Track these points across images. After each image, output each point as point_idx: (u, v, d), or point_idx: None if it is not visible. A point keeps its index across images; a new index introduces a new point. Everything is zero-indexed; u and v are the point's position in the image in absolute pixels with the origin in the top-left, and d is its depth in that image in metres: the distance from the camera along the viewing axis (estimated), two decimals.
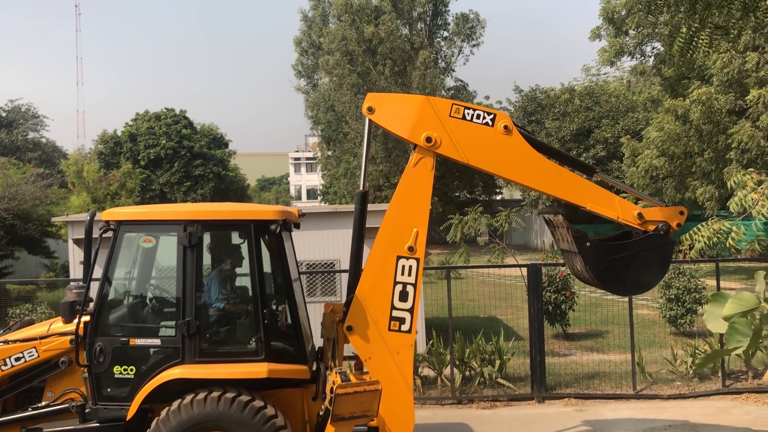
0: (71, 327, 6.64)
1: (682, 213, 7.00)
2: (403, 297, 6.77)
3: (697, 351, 11.27)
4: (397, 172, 36.74)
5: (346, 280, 7.13)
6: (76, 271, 13.75)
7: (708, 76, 23.18)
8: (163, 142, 46.92)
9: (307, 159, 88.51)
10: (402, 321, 6.76)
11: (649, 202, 7.43)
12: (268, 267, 6.82)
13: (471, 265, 16.17)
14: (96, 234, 6.78)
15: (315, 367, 6.96)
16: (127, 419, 6.34)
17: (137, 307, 7.06)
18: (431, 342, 11.44)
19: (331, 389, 6.33)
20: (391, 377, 6.66)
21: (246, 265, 6.72)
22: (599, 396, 10.54)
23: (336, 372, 6.66)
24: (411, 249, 6.77)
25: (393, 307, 6.76)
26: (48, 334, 6.84)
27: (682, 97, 23.49)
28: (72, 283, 9.05)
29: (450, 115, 6.81)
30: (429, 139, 6.76)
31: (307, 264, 12.77)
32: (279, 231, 6.57)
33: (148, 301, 7.14)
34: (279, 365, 6.43)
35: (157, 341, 6.64)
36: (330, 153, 49.95)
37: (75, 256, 13.76)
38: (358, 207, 6.96)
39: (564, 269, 14.18)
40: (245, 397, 6.20)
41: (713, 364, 10.98)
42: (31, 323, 7.51)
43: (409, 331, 6.77)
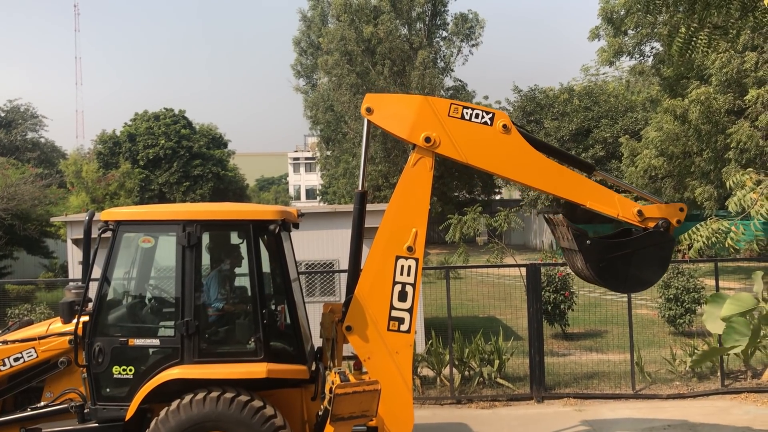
0: (70, 327, 6.64)
1: (681, 210, 7.01)
2: (402, 297, 6.77)
3: (696, 351, 11.27)
4: (396, 172, 36.71)
5: (345, 280, 7.13)
6: (75, 271, 13.76)
7: (707, 75, 23.17)
8: (162, 142, 46.85)
9: (306, 159, 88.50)
10: (401, 321, 6.76)
11: (650, 200, 7.43)
12: (267, 267, 6.83)
13: (470, 265, 16.14)
14: (95, 234, 6.78)
15: (314, 367, 6.96)
16: (126, 419, 6.34)
17: (136, 308, 7.06)
18: (430, 342, 11.44)
19: (330, 389, 6.33)
20: (390, 377, 6.66)
21: (245, 265, 6.71)
22: (598, 396, 10.54)
23: (335, 372, 6.67)
24: (410, 249, 6.77)
25: (392, 307, 6.76)
26: (47, 334, 6.85)
27: (680, 97, 23.47)
28: (71, 284, 9.07)
29: (449, 115, 6.81)
30: (428, 139, 6.76)
31: (306, 264, 12.77)
32: (278, 231, 6.58)
33: (147, 302, 7.14)
34: (278, 365, 6.43)
35: (156, 341, 6.64)
36: (329, 153, 49.92)
37: (74, 256, 13.76)
38: (357, 207, 6.96)
39: (563, 269, 14.19)
40: (244, 397, 6.20)
41: (711, 362, 11.00)
42: (30, 323, 7.51)
43: (408, 331, 6.77)
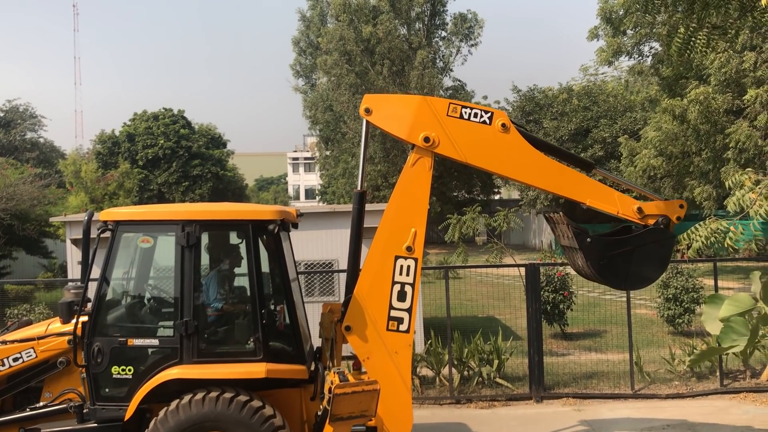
0: (69, 327, 6.64)
1: (681, 207, 7.02)
2: (402, 297, 6.77)
3: (695, 350, 11.28)
4: (395, 171, 36.70)
5: (344, 280, 7.13)
6: (74, 272, 13.75)
7: (705, 75, 23.17)
8: (161, 142, 46.83)
9: (306, 159, 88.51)
10: (400, 321, 6.76)
11: (651, 198, 7.44)
12: (266, 267, 6.81)
13: (469, 265, 16.14)
14: (94, 234, 6.78)
15: (313, 367, 6.96)
16: (125, 419, 6.33)
17: (135, 308, 7.06)
18: (429, 342, 11.44)
19: (330, 389, 6.33)
20: (390, 377, 6.66)
21: (244, 265, 6.71)
22: (597, 396, 10.55)
23: (334, 372, 6.66)
24: (409, 249, 6.77)
25: (391, 307, 6.76)
26: (46, 334, 6.85)
27: (679, 97, 23.48)
28: (70, 284, 9.08)
29: (447, 115, 6.80)
30: (427, 139, 6.76)
31: (306, 264, 12.77)
32: (277, 231, 6.58)
33: (146, 302, 7.13)
34: (277, 365, 6.43)
35: (155, 341, 6.63)
36: (328, 153, 49.91)
37: (73, 256, 13.75)
38: (356, 207, 6.96)
39: (562, 269, 14.20)
40: (243, 397, 6.19)
41: (710, 362, 11.00)
42: (29, 323, 7.51)
43: (408, 331, 6.77)
